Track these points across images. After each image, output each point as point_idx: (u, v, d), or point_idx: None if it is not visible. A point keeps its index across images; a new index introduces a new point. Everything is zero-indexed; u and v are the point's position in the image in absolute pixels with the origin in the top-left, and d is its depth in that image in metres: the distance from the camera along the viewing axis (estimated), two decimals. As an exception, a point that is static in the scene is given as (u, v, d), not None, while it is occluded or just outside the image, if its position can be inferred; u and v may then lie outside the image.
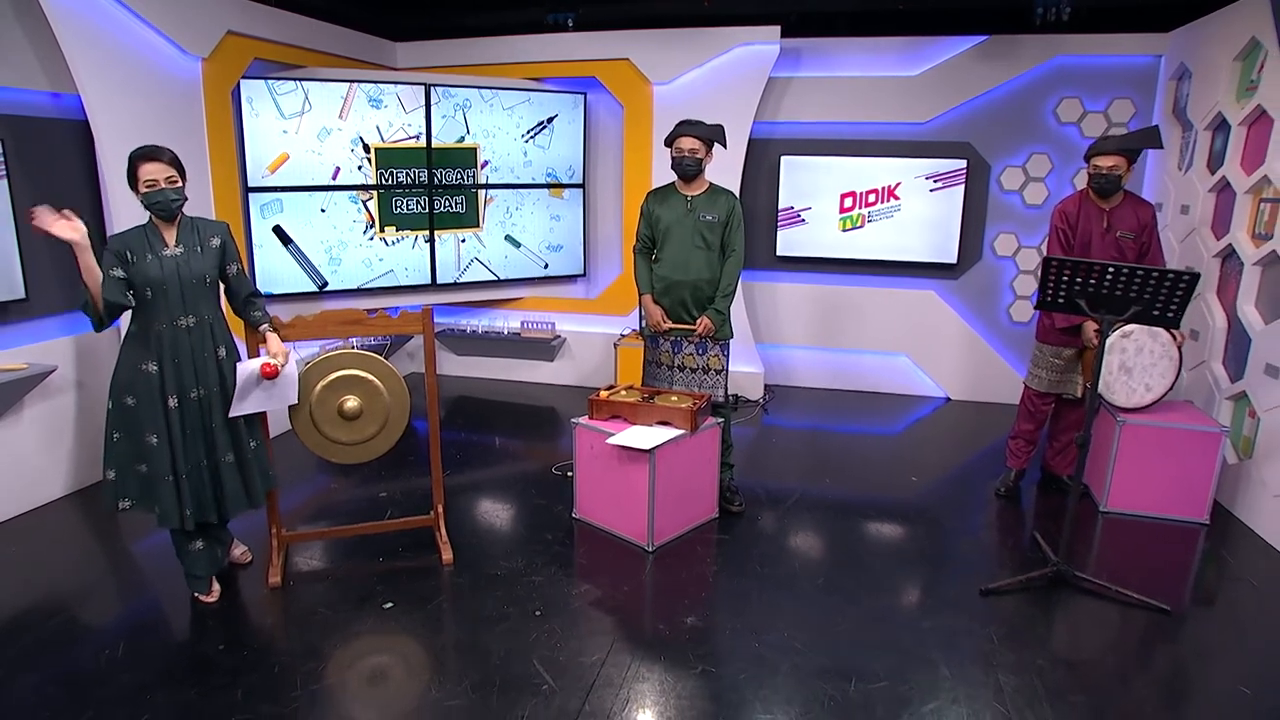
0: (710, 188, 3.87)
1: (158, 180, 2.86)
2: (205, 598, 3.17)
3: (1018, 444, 4.31)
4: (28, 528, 3.79)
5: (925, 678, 2.73)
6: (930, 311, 6.01)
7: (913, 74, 5.68)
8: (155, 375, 2.93)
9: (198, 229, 3.02)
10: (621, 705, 2.57)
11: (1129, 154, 3.73)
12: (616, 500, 3.67)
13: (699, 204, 3.83)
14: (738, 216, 3.86)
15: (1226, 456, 4.13)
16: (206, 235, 3.03)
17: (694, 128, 3.75)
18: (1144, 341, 3.77)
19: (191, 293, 2.96)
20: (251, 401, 3.06)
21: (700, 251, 3.82)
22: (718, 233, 3.83)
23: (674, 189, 3.90)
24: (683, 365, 3.95)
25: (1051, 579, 3.32)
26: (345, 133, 5.28)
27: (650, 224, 3.92)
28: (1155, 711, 2.60)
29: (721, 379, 3.94)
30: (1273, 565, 3.57)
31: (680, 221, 3.83)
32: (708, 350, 3.91)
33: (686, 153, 3.74)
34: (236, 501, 3.11)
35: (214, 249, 3.03)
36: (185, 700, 2.57)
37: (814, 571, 3.49)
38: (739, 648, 2.89)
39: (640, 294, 3.97)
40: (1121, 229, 3.83)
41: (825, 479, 4.52)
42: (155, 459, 2.95)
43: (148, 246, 2.90)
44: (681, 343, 3.92)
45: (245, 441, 3.13)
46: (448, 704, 2.57)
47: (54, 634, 2.94)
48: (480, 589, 3.27)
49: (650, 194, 3.98)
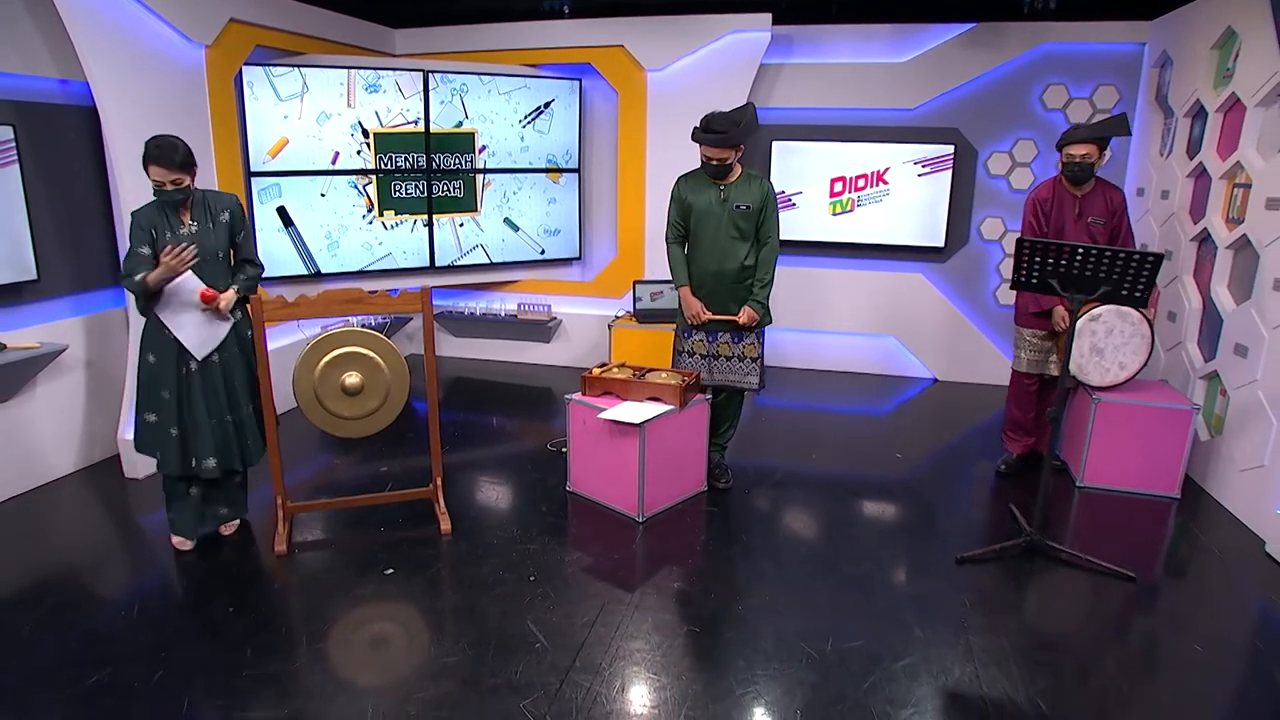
0: (743, 174, 3.81)
1: (162, 183, 3.06)
2: (180, 543, 3.42)
3: (1013, 432, 4.44)
4: (43, 501, 3.93)
5: (899, 638, 2.89)
6: (918, 294, 6.14)
7: (902, 61, 5.79)
8: (173, 341, 3.20)
9: (209, 204, 3.22)
10: (610, 661, 2.72)
11: (1100, 141, 3.85)
12: (608, 473, 3.82)
13: (732, 192, 3.76)
14: (773, 202, 3.81)
15: (1199, 434, 4.27)
16: (217, 210, 3.23)
17: (717, 135, 3.59)
18: (1113, 323, 3.89)
19: (209, 268, 3.19)
20: (186, 317, 3.22)
21: (736, 242, 3.77)
22: (753, 220, 3.78)
23: (704, 176, 3.81)
24: (717, 354, 3.94)
25: (1025, 548, 3.47)
26: (345, 118, 5.39)
27: (683, 211, 3.83)
28: (1113, 668, 2.75)
29: (757, 366, 3.95)
30: (1236, 536, 3.72)
31: (713, 211, 3.76)
32: (744, 338, 3.92)
33: (715, 161, 3.67)
34: (229, 456, 3.37)
35: (224, 224, 3.23)
36: (198, 657, 2.72)
37: (797, 542, 3.64)
38: (723, 611, 3.05)
39: (678, 286, 3.89)
40: (1093, 215, 3.95)
41: (812, 455, 4.67)
42: (165, 412, 3.24)
43: (166, 225, 3.12)
44: (717, 333, 3.92)
45: (244, 406, 3.39)
46: (445, 660, 2.72)
47: (71, 599, 3.09)
48: (477, 556, 3.42)
49: (682, 179, 3.88)
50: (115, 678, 2.59)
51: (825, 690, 2.59)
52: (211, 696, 2.52)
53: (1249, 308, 3.90)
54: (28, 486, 4.01)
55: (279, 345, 4.68)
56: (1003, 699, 2.56)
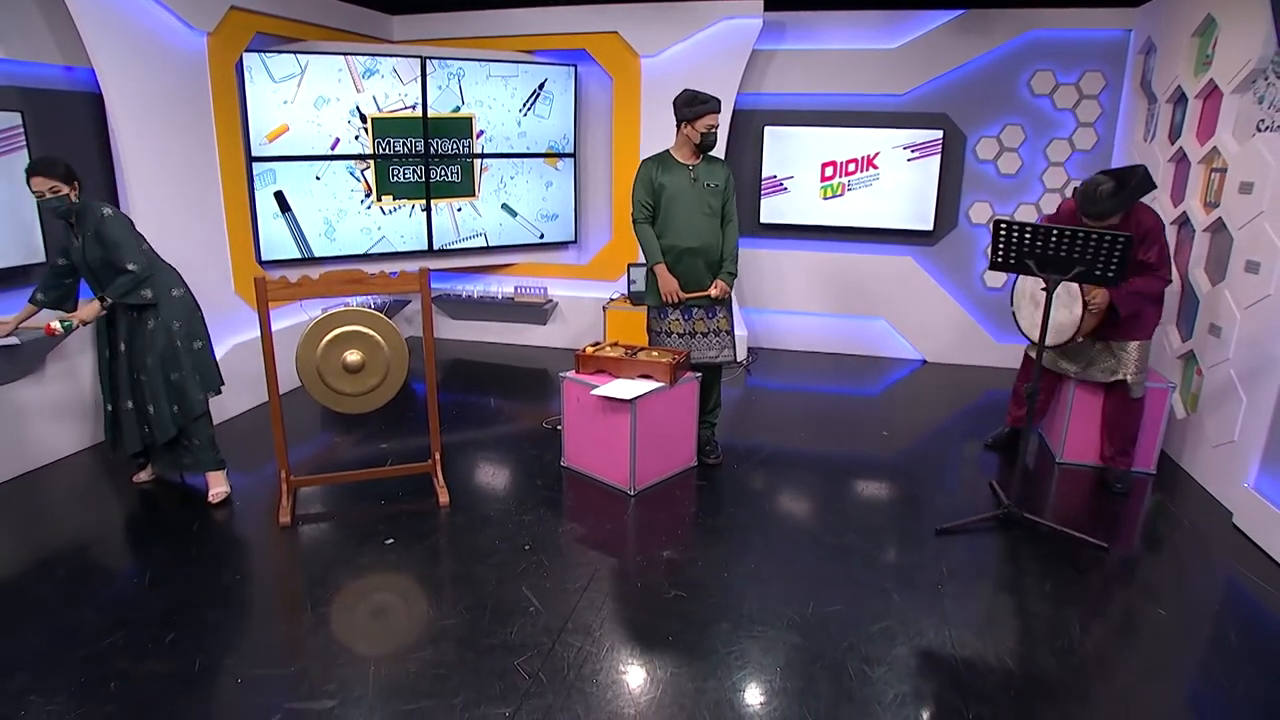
0: (705, 157, 4.00)
1: (41, 192, 3.36)
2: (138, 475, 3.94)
3: (1012, 402, 4.52)
4: (54, 477, 4.06)
5: (878, 603, 3.02)
6: (907, 277, 6.25)
7: (892, 47, 5.88)
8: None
9: (84, 219, 3.51)
10: (601, 623, 2.86)
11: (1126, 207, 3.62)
12: (601, 448, 3.95)
13: (701, 172, 3.95)
14: (732, 184, 4.05)
15: (1176, 412, 4.40)
16: (89, 224, 3.49)
17: (717, 104, 3.83)
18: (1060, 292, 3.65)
19: (98, 277, 3.55)
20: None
21: (707, 218, 3.96)
22: (719, 199, 3.98)
23: (673, 158, 3.97)
24: (694, 331, 4.09)
25: (1002, 520, 3.61)
26: (344, 103, 5.48)
27: (652, 192, 3.95)
28: (1079, 630, 2.88)
29: (731, 339, 4.14)
30: (1207, 508, 3.86)
31: (685, 190, 3.92)
32: (716, 314, 4.09)
33: (716, 129, 3.87)
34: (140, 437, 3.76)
35: (92, 237, 3.49)
36: (207, 620, 2.85)
37: (783, 515, 3.78)
38: (710, 577, 3.18)
39: (652, 264, 3.99)
40: None
41: (801, 433, 4.80)
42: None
43: (70, 237, 3.54)
44: (692, 310, 4.07)
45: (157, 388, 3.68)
46: (443, 623, 2.85)
47: (84, 568, 3.23)
48: (474, 527, 3.55)
49: (648, 162, 4.01)
50: (129, 639, 2.73)
51: (805, 650, 2.73)
52: (222, 656, 2.66)
53: (1223, 288, 4.02)
54: (38, 463, 4.13)
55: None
56: (973, 658, 2.70)
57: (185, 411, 3.67)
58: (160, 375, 3.61)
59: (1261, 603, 3.09)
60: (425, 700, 2.45)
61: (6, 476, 3.97)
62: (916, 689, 2.55)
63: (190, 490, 3.90)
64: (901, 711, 2.44)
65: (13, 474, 4.00)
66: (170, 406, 3.66)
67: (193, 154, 4.69)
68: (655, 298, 4.07)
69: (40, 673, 2.55)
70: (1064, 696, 2.53)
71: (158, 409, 3.63)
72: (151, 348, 3.58)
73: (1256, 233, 3.75)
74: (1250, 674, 2.64)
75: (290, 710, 2.41)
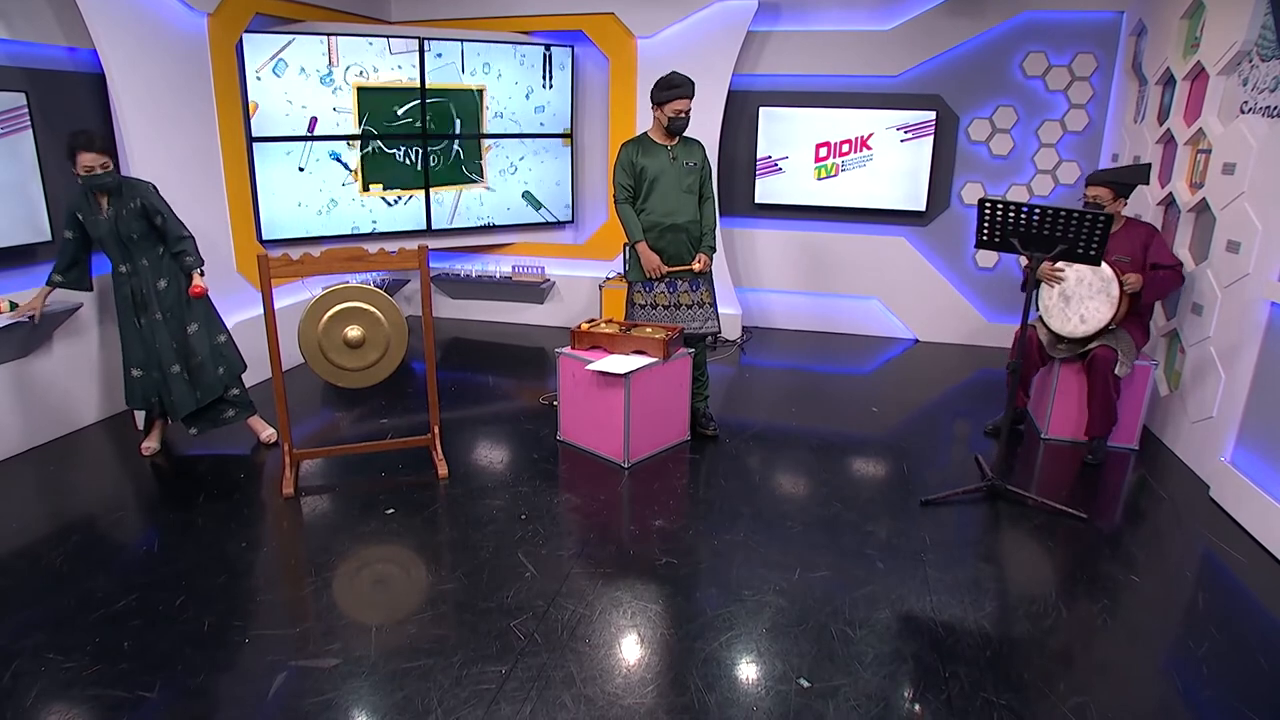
0: (681, 138, 4.16)
1: (93, 167, 3.55)
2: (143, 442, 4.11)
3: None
4: (64, 450, 4.16)
5: (862, 570, 3.13)
6: (900, 257, 6.33)
7: (885, 28, 5.92)
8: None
9: (123, 192, 3.66)
10: (594, 586, 2.97)
11: (1114, 186, 3.97)
12: (596, 422, 4.05)
13: (679, 152, 4.13)
14: (709, 163, 4.23)
15: (1159, 389, 4.50)
16: (129, 198, 3.66)
17: (689, 89, 3.96)
18: (1084, 273, 4.01)
19: (131, 248, 3.71)
20: None
21: (688, 196, 4.15)
22: (697, 177, 4.17)
23: (651, 140, 4.14)
24: (679, 303, 4.24)
25: (987, 492, 3.72)
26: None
27: (633, 174, 4.11)
28: (1056, 595, 3.00)
29: (714, 311, 4.31)
30: (1186, 482, 3.97)
31: (666, 170, 4.10)
32: (700, 286, 4.26)
33: (685, 113, 4.00)
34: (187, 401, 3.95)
35: (135, 210, 3.65)
36: (216, 585, 2.97)
37: (773, 487, 3.88)
38: (699, 545, 3.29)
39: (634, 241, 4.13)
40: (1118, 254, 4.04)
41: (793, 410, 4.90)
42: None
43: (90, 210, 3.67)
44: (675, 283, 4.23)
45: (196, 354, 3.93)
46: (442, 587, 2.97)
47: (97, 536, 3.34)
48: (472, 498, 3.66)
49: (627, 145, 4.15)
50: (142, 602, 2.84)
51: (789, 613, 2.84)
52: (230, 618, 2.77)
53: (1205, 268, 4.10)
54: (50, 437, 4.23)
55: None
56: (952, 621, 2.81)
57: (230, 370, 4.02)
58: (206, 340, 3.91)
59: (1232, 572, 3.20)
60: (425, 659, 2.56)
61: (20, 449, 4.08)
62: (896, 650, 2.66)
63: (196, 461, 4.01)
64: (881, 670, 2.56)
65: (25, 446, 4.11)
66: (216, 369, 3.93)
67: (194, 134, 4.76)
68: (638, 273, 4.21)
69: (57, 634, 2.66)
70: (1039, 657, 2.64)
71: (207, 370, 3.90)
72: (193, 314, 3.88)
73: (1237, 213, 3.83)
74: (1218, 640, 2.76)
75: (296, 668, 2.52)
